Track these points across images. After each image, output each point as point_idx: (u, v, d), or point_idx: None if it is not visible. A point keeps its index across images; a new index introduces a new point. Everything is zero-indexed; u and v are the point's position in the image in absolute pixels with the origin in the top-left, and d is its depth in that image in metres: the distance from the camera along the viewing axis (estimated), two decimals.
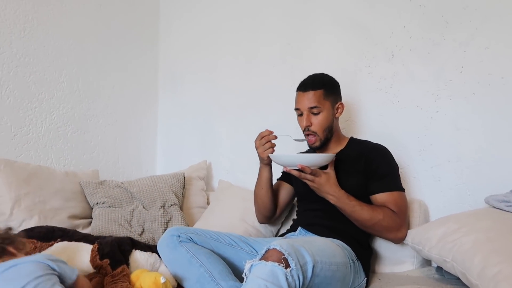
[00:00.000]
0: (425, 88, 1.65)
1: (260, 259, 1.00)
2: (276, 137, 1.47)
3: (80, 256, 1.23)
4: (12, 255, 0.99)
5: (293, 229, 1.49)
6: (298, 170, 1.31)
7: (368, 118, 1.79)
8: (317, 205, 1.46)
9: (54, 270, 0.94)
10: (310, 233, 1.41)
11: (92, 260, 1.22)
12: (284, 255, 0.99)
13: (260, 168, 1.56)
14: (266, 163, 1.52)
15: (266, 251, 1.02)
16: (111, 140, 2.30)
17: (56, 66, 2.04)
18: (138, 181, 1.89)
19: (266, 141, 1.45)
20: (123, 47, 2.37)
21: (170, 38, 2.55)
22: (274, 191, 1.61)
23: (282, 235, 1.54)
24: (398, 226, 1.36)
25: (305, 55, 2.00)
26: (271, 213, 1.62)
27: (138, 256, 1.26)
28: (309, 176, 1.31)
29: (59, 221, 1.60)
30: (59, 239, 1.32)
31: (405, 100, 1.70)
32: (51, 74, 2.02)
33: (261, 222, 1.69)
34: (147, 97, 2.52)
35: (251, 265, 1.00)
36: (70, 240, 1.32)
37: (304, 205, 1.54)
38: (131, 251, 1.26)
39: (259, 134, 1.48)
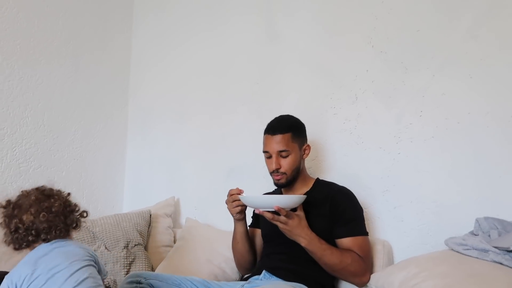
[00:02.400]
0: (387, 130, 1.71)
1: None
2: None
3: None
4: (69, 237, 1.19)
5: (257, 272, 1.47)
6: (271, 212, 1.31)
7: (334, 158, 1.82)
8: (282, 248, 1.46)
9: (96, 263, 1.16)
10: (274, 276, 1.40)
11: None
12: None
13: (234, 223, 1.56)
14: (238, 218, 1.52)
15: None
16: (76, 176, 2.25)
17: (21, 101, 2.00)
18: (101, 220, 1.85)
19: (233, 199, 1.45)
20: (92, 81, 2.35)
21: (140, 73, 2.55)
22: (251, 242, 1.60)
23: (246, 278, 1.52)
24: (364, 271, 1.37)
25: (272, 94, 2.04)
26: (251, 264, 1.62)
27: None
28: (282, 219, 1.31)
29: (11, 263, 1.53)
30: None
31: (369, 141, 1.75)
32: (15, 109, 1.97)
33: (242, 273, 1.68)
34: (116, 132, 2.49)
35: None
36: None
37: (269, 248, 1.53)
38: None
39: (229, 191, 1.49)
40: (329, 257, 1.35)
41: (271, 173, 1.52)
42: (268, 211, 1.33)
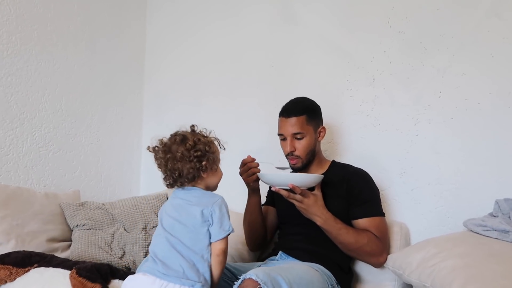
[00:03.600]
0: (405, 112, 1.68)
1: None
2: (257, 164, 1.49)
3: (56, 283, 1.21)
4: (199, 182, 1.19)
5: (274, 253, 1.49)
6: (287, 190, 1.32)
7: (350, 141, 1.81)
8: (298, 229, 1.46)
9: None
10: (290, 257, 1.41)
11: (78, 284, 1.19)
12: (260, 284, 0.99)
13: (248, 194, 1.57)
14: (253, 188, 1.53)
15: (242, 281, 1.02)
16: (93, 160, 2.28)
17: (39, 86, 2.03)
18: (120, 203, 1.87)
19: (249, 168, 1.46)
20: (108, 66, 2.37)
21: (155, 59, 2.56)
22: (263, 217, 1.61)
23: (263, 259, 1.53)
24: (381, 251, 1.37)
25: (288, 77, 2.02)
26: (262, 240, 1.63)
27: (116, 286, 1.23)
28: (298, 197, 1.32)
29: (37, 244, 1.57)
30: (35, 265, 1.30)
31: (386, 123, 1.73)
32: (34, 94, 2.00)
33: (252, 249, 1.69)
34: (132, 116, 2.51)
35: None
36: (47, 265, 1.30)
37: (286, 229, 1.54)
38: (110, 280, 1.24)
39: (242, 161, 1.49)
40: (345, 236, 1.36)
41: (286, 155, 1.52)
42: (284, 189, 1.33)
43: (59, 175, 2.10)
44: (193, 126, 1.24)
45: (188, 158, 1.14)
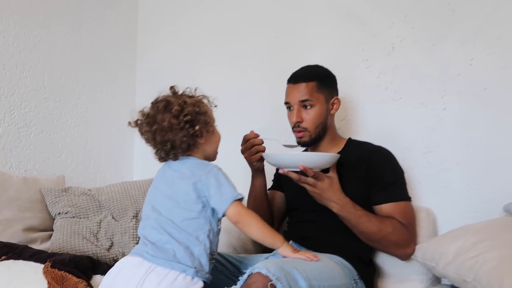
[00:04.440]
0: (430, 84, 1.48)
1: (242, 287, 0.80)
2: (262, 142, 1.29)
3: (26, 279, 1.01)
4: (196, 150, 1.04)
5: None
6: (298, 172, 1.12)
7: (366, 117, 1.61)
8: (311, 215, 1.27)
9: None
10: (303, 248, 1.21)
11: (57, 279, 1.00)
12: (271, 281, 0.79)
13: (251, 176, 1.37)
14: (257, 168, 1.33)
15: (248, 276, 0.82)
16: (81, 143, 2.08)
17: (18, 60, 1.82)
18: (108, 188, 1.68)
19: (251, 145, 1.26)
20: (96, 40, 2.15)
21: (149, 31, 2.34)
22: (269, 202, 1.41)
23: (270, 250, 1.33)
24: (408, 240, 1.18)
25: (295, 49, 1.82)
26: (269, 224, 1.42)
27: (98, 282, 1.04)
28: (310, 180, 1.12)
29: (11, 234, 1.38)
30: (3, 257, 1.10)
31: (408, 96, 1.53)
32: (12, 69, 1.79)
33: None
34: (123, 95, 2.30)
35: None
36: (17, 258, 1.10)
37: (297, 216, 1.34)
38: (91, 275, 1.04)
39: (244, 136, 1.30)
40: (366, 224, 1.16)
41: (292, 128, 1.32)
42: (295, 171, 1.14)
43: (42, 159, 1.89)
44: (172, 87, 1.07)
45: (178, 126, 0.98)
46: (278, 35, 1.86)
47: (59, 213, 1.54)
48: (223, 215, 0.98)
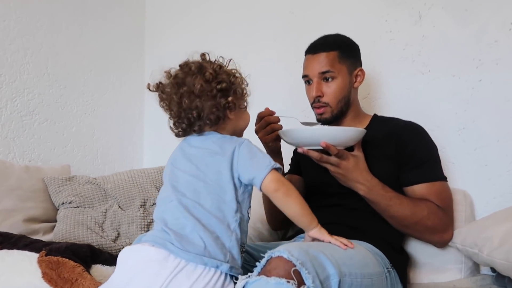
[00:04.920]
0: (464, 53, 1.34)
1: (259, 274, 0.68)
2: (278, 119, 1.16)
3: (20, 270, 0.91)
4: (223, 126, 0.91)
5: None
6: (319, 150, 1.00)
7: (392, 94, 1.48)
8: (335, 199, 1.14)
9: None
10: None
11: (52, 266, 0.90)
12: (295, 266, 0.67)
13: None
14: (273, 149, 1.20)
15: (267, 261, 0.70)
16: (88, 132, 1.98)
17: (20, 45, 1.73)
18: (114, 176, 1.58)
19: (267, 123, 1.14)
20: (103, 26, 2.05)
21: (158, 16, 2.24)
22: None
23: (290, 237, 1.22)
24: (445, 225, 1.05)
25: (311, 24, 1.69)
26: (285, 217, 1.30)
27: (99, 272, 0.93)
28: (333, 159, 1.00)
29: (11, 225, 1.29)
30: None
31: (438, 68, 1.39)
32: (13, 54, 1.70)
33: (274, 228, 1.38)
34: (132, 83, 2.20)
35: (246, 283, 0.68)
36: (11, 247, 1.01)
37: (318, 200, 1.20)
38: (90, 265, 0.94)
39: (258, 114, 1.17)
40: (397, 207, 1.03)
41: (312, 104, 1.19)
42: (315, 150, 1.01)
43: (46, 149, 1.80)
44: (204, 54, 0.93)
45: (210, 93, 0.85)
46: (292, 10, 1.74)
47: (63, 203, 1.44)
48: (261, 186, 0.84)
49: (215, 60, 0.93)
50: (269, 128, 1.14)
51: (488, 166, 1.28)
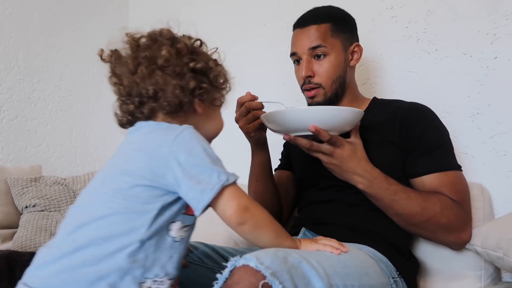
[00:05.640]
0: (475, 27, 1.17)
1: None
2: (262, 106, 1.00)
3: None
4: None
5: (294, 231, 0.99)
6: (308, 137, 0.84)
7: (394, 77, 1.31)
8: (329, 194, 0.97)
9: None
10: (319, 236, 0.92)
11: None
12: (265, 278, 0.50)
13: (251, 152, 1.08)
14: (257, 141, 1.04)
15: (231, 271, 0.53)
16: (65, 130, 1.83)
17: None
18: (86, 176, 1.43)
19: (248, 110, 0.97)
20: (81, 14, 1.90)
21: (141, 3, 2.09)
22: (275, 183, 1.12)
23: None
24: (462, 222, 0.88)
25: (303, 6, 1.52)
26: (277, 217, 1.12)
27: None
28: (325, 147, 0.84)
29: None
30: None
31: (447, 46, 1.22)
32: None
33: None
34: None
35: None
36: None
37: (310, 197, 1.04)
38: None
39: (238, 100, 0.99)
40: (404, 203, 0.86)
41: (302, 86, 1.03)
42: (304, 136, 0.85)
43: (17, 149, 1.65)
44: (185, 36, 0.74)
45: (178, 67, 0.66)
46: None
47: (26, 206, 1.29)
48: (204, 211, 0.60)
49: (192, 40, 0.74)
50: (250, 115, 0.97)
51: (507, 156, 1.11)
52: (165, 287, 0.59)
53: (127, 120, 0.71)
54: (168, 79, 0.67)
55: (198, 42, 0.74)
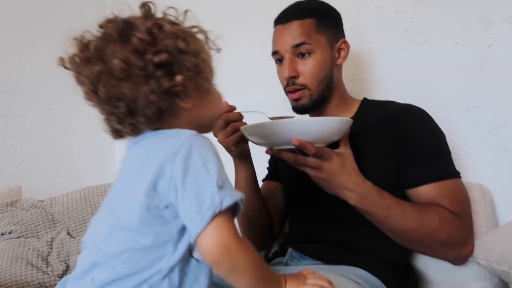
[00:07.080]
0: (467, 14, 1.08)
1: None
2: (241, 116, 0.91)
3: None
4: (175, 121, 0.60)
5: (281, 251, 0.91)
6: (293, 151, 0.76)
7: (384, 73, 1.23)
8: (318, 209, 0.90)
9: None
10: (307, 258, 0.84)
11: None
12: None
13: (234, 165, 1.00)
14: (238, 154, 0.95)
15: None
16: (46, 147, 1.75)
17: None
18: (65, 196, 1.35)
19: (226, 123, 0.89)
20: (56, 24, 1.80)
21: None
22: (264, 198, 1.04)
23: (269, 260, 0.97)
24: (463, 236, 0.80)
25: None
26: (267, 232, 1.04)
27: None
28: (312, 161, 0.76)
29: None
30: None
31: (437, 36, 1.13)
32: None
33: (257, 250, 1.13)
34: None
35: None
36: None
37: (299, 211, 0.96)
38: None
39: None
40: (400, 218, 0.79)
41: (285, 88, 0.95)
42: (288, 150, 0.77)
43: None
44: (146, 4, 0.60)
45: (141, 71, 0.55)
46: None
47: (2, 234, 1.22)
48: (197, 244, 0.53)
49: (163, 14, 0.61)
50: (229, 128, 0.89)
51: (508, 152, 1.03)
52: None
53: (117, 136, 0.62)
54: (135, 88, 0.56)
55: (158, 23, 0.58)
